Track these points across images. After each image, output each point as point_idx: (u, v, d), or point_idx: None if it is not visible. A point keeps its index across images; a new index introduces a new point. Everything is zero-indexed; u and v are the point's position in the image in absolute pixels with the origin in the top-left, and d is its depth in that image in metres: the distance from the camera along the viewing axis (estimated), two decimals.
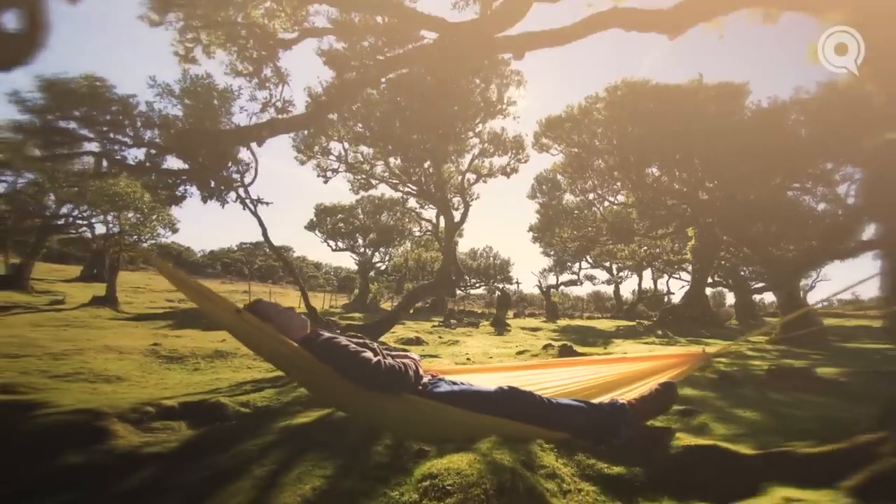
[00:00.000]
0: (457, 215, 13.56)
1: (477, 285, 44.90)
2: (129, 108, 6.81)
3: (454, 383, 1.87)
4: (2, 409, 4.37)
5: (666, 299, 34.36)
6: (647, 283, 38.10)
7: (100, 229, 25.25)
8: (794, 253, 14.97)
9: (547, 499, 2.65)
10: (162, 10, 5.73)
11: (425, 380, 1.80)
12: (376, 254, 33.58)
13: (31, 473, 3.25)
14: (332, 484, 2.74)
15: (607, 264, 35.81)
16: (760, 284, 29.17)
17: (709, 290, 40.66)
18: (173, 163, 7.36)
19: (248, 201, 8.41)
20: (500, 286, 41.69)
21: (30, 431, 3.78)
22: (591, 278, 40.66)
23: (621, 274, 38.12)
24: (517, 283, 45.77)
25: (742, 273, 29.24)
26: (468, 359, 9.42)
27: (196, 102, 7.60)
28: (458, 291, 36.53)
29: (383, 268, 35.45)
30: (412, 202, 15.99)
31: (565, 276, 37.96)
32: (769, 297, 41.37)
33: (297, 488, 2.66)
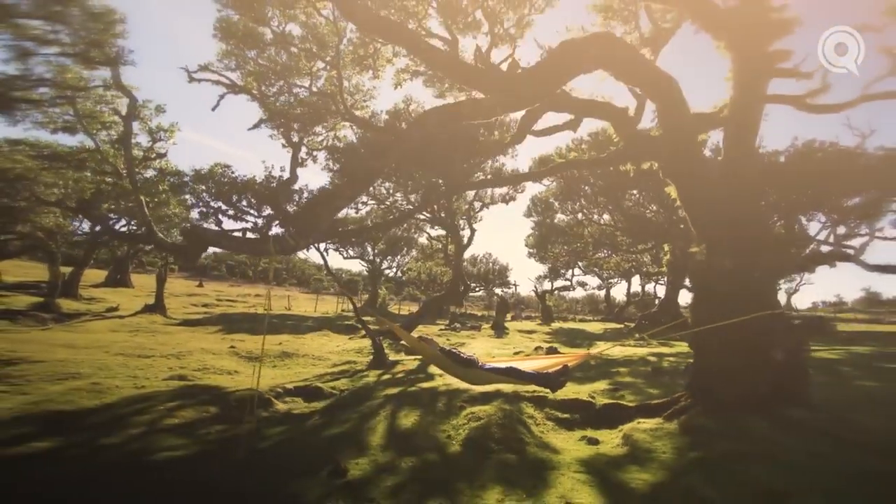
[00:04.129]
0: (463, 235, 16.15)
1: (477, 289, 47.68)
2: (251, 186, 9.51)
3: (490, 365, 4.56)
4: (205, 388, 7.05)
5: (656, 301, 36.88)
6: (637, 287, 40.87)
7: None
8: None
9: (528, 425, 5.39)
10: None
11: (480, 363, 4.47)
12: (384, 261, 36.04)
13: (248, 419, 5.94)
14: (421, 418, 5.46)
15: (597, 271, 38.55)
16: None
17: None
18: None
19: (322, 252, 11.49)
20: (499, 290, 44.44)
21: (234, 399, 6.48)
22: (582, 284, 43.43)
23: (611, 280, 40.93)
24: (515, 285, 48.49)
25: None
26: None
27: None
28: None
29: (391, 274, 38.01)
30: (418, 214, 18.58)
31: (559, 282, 40.73)
32: None
33: (407, 419, 5.39)
